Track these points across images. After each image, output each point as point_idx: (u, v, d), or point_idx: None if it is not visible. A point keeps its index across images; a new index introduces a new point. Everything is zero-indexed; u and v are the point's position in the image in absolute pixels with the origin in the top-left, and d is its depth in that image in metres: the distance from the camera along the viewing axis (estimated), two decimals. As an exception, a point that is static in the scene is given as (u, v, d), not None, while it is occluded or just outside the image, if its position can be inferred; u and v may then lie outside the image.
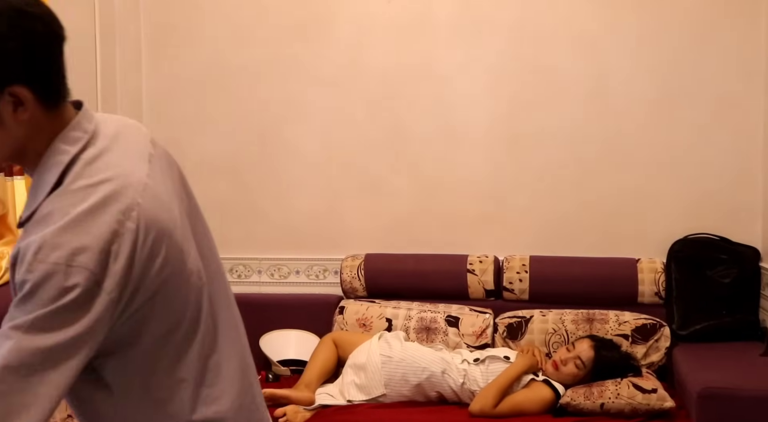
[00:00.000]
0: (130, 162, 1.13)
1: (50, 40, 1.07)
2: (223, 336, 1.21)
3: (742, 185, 3.29)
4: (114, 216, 1.03)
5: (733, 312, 3.12)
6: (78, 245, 1.00)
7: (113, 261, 1.02)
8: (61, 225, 1.01)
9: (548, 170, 3.45)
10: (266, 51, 3.62)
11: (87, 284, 1.00)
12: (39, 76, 1.06)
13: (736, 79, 3.28)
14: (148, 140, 1.23)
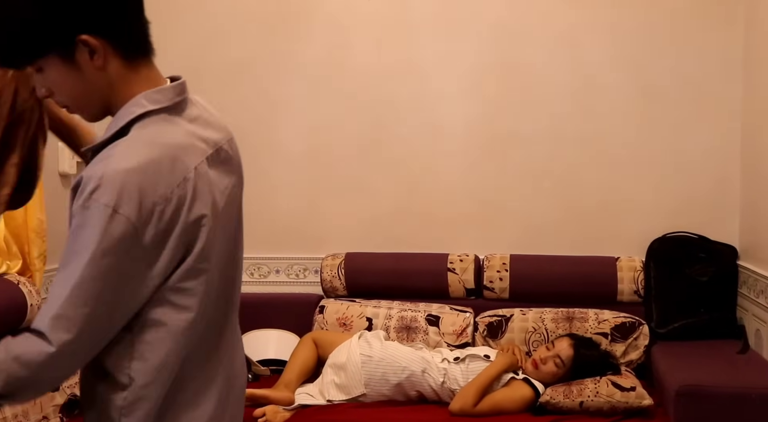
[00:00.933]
0: (186, 148, 1.19)
1: (121, 3, 1.13)
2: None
3: (720, 184, 3.32)
4: (170, 179, 1.12)
5: (711, 310, 3.14)
6: (129, 193, 1.08)
7: (157, 220, 1.10)
8: (119, 167, 1.09)
9: (529, 169, 3.45)
10: (245, 48, 3.60)
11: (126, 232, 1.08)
12: (111, 27, 1.13)
13: (714, 79, 3.30)
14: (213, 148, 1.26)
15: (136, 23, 1.19)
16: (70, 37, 1.12)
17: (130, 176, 1.10)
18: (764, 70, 2.97)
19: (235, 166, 1.32)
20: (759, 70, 3.04)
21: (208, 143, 1.24)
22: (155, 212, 1.10)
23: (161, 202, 1.11)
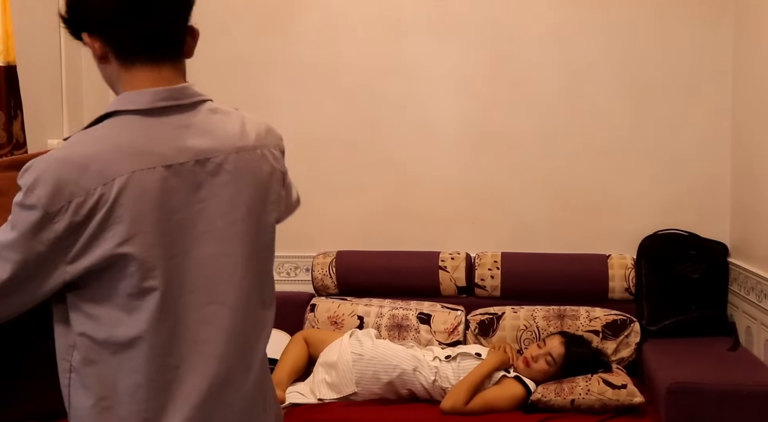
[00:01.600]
0: (127, 155, 1.19)
1: (117, 9, 1.22)
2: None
3: (710, 181, 3.32)
4: (97, 177, 1.16)
5: (702, 307, 3.14)
6: (44, 181, 1.14)
7: (73, 212, 1.14)
8: (51, 155, 1.17)
9: (520, 167, 3.45)
10: (235, 47, 3.59)
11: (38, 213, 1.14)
12: (104, 29, 1.23)
13: (704, 77, 3.31)
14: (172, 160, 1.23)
15: (132, 27, 1.23)
16: (78, 33, 1.26)
17: (54, 164, 1.16)
18: (754, 66, 2.98)
19: (236, 177, 1.27)
20: (749, 67, 3.05)
21: (185, 152, 1.23)
22: (70, 203, 1.14)
23: (78, 195, 1.14)
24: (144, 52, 1.25)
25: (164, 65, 1.27)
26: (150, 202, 1.18)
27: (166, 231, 1.20)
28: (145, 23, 1.24)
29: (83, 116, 3.48)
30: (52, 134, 3.28)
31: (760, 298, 2.79)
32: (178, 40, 1.32)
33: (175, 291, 1.21)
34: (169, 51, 1.29)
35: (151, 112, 1.23)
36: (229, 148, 1.28)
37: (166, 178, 1.20)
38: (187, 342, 1.22)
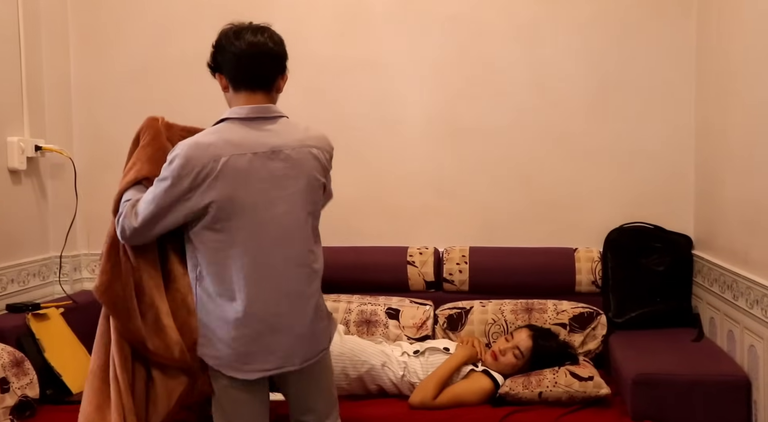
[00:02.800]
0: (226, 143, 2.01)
1: (231, 56, 2.08)
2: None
3: (675, 175, 3.36)
4: (210, 156, 1.97)
5: (667, 299, 3.18)
6: (180, 157, 1.96)
7: (194, 176, 1.95)
8: (187, 141, 2.01)
9: (487, 161, 3.46)
10: (201, 42, 3.52)
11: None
12: (227, 73, 2.11)
13: (668, 71, 3.34)
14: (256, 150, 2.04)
15: (240, 72, 2.08)
16: (214, 72, 2.16)
17: (186, 147, 1.98)
18: (716, 61, 3.01)
19: (296, 164, 2.07)
20: (711, 62, 3.08)
21: (264, 145, 2.03)
22: (193, 171, 1.95)
23: (199, 167, 1.95)
24: (246, 87, 2.08)
25: (258, 93, 2.08)
26: (240, 176, 1.98)
27: (250, 193, 1.99)
28: (251, 74, 2.08)
29: (45, 114, 3.43)
30: (12, 132, 3.23)
31: (723, 290, 2.83)
32: (271, 81, 2.11)
33: (255, 232, 2.01)
34: (263, 86, 2.09)
35: (246, 121, 2.05)
36: (293, 145, 2.07)
37: (251, 160, 2.00)
38: (262, 265, 2.03)
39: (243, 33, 2.05)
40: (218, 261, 2.01)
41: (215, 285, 2.02)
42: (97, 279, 2.12)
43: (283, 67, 2.13)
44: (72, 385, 2.87)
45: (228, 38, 2.07)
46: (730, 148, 2.80)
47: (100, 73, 3.61)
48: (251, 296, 2.00)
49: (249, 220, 2.00)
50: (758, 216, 2.50)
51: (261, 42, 2.04)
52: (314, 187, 2.12)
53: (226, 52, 2.06)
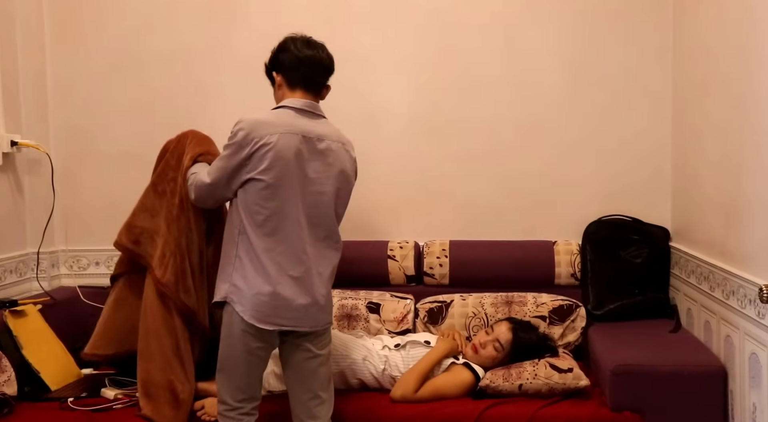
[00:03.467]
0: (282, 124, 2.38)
1: (296, 60, 2.45)
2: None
3: (652, 167, 3.39)
4: (268, 131, 2.33)
5: (645, 290, 3.21)
6: (244, 128, 2.34)
7: (253, 145, 2.32)
8: (251, 116, 2.38)
9: (467, 155, 3.47)
10: (179, 34, 3.52)
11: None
12: (284, 74, 2.47)
13: (646, 64, 3.37)
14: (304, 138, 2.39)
15: (300, 75, 2.45)
16: (272, 72, 2.52)
17: (250, 121, 2.34)
18: (691, 54, 3.04)
19: (334, 153, 2.44)
20: (687, 54, 3.11)
21: (312, 132, 2.39)
22: (252, 141, 2.31)
23: (257, 138, 2.31)
24: (303, 87, 2.46)
25: (309, 94, 2.46)
26: (290, 151, 2.33)
27: (293, 168, 2.34)
28: (307, 76, 2.45)
29: (20, 110, 3.39)
30: (-13, 126, 3.20)
31: (700, 281, 2.86)
32: (320, 87, 2.50)
33: (291, 206, 2.34)
34: (313, 90, 2.48)
35: (299, 111, 2.41)
36: (333, 137, 2.45)
37: (300, 141, 2.35)
38: (292, 234, 2.35)
39: (311, 43, 2.48)
40: (264, 230, 2.34)
41: (257, 252, 2.34)
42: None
43: (330, 75, 2.53)
44: (50, 382, 2.85)
45: (296, 45, 2.46)
46: (707, 140, 2.83)
47: (77, 68, 3.58)
48: (279, 274, 2.35)
49: (291, 192, 2.34)
50: (734, 208, 2.53)
51: (322, 56, 2.48)
52: (344, 179, 2.47)
53: (293, 56, 2.44)
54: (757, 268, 2.29)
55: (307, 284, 2.38)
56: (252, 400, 2.44)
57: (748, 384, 2.37)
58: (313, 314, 2.40)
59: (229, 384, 2.42)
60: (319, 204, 2.39)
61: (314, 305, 2.39)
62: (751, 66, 2.35)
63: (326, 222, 2.44)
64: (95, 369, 3.11)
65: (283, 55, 2.46)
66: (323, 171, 2.40)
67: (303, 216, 2.36)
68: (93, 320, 3.37)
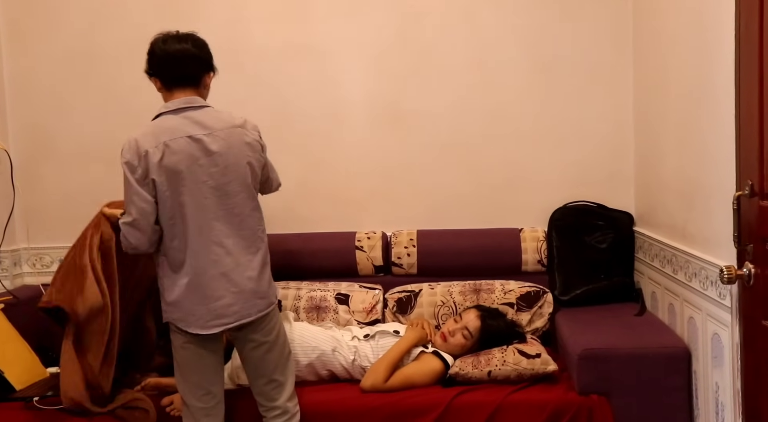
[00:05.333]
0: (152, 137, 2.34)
1: (158, 59, 2.41)
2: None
3: (615, 153, 3.42)
4: (153, 142, 2.32)
5: (611, 275, 3.25)
6: (130, 147, 2.33)
7: (144, 161, 2.30)
8: (130, 137, 2.35)
9: (432, 144, 3.47)
10: (135, 29, 3.46)
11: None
12: (156, 74, 2.42)
13: (606, 51, 3.40)
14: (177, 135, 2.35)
15: (169, 74, 2.39)
16: (150, 75, 2.44)
17: (128, 143, 2.32)
18: (651, 41, 3.07)
19: (226, 142, 2.36)
20: (647, 42, 3.14)
21: (197, 129, 2.34)
22: (143, 156, 2.28)
23: (147, 151, 2.28)
24: (176, 83, 2.40)
25: (187, 90, 2.40)
26: (181, 154, 2.30)
27: (189, 168, 2.30)
28: (176, 73, 2.39)
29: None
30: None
31: (663, 264, 2.90)
32: (195, 79, 2.42)
33: (196, 202, 2.32)
34: (190, 84, 2.41)
35: (176, 111, 2.37)
36: (221, 127, 2.37)
37: (189, 142, 2.31)
38: (194, 229, 2.33)
39: (176, 38, 2.40)
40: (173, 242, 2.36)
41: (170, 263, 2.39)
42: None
43: (209, 66, 2.46)
44: (15, 381, 2.81)
45: (159, 44, 2.40)
46: (667, 126, 2.87)
47: (34, 64, 3.51)
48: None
49: (191, 196, 2.33)
50: (694, 191, 2.56)
51: (187, 47, 2.39)
52: (244, 164, 2.39)
53: (158, 56, 2.38)
54: (717, 250, 2.33)
55: (232, 278, 2.36)
56: (211, 396, 2.45)
57: (710, 364, 2.41)
58: (240, 305, 2.38)
59: (185, 383, 2.44)
60: (226, 196, 2.35)
61: (241, 295, 2.37)
62: (708, 52, 2.38)
63: (239, 211, 2.39)
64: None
65: (151, 58, 2.41)
66: (222, 161, 2.34)
67: (212, 213, 2.34)
68: (57, 318, 3.34)
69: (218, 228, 2.34)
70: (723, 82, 2.22)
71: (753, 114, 2.01)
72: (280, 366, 2.52)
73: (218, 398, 2.47)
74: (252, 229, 2.42)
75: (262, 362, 2.48)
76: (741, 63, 2.10)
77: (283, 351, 2.55)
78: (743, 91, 2.08)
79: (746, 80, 2.06)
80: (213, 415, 2.45)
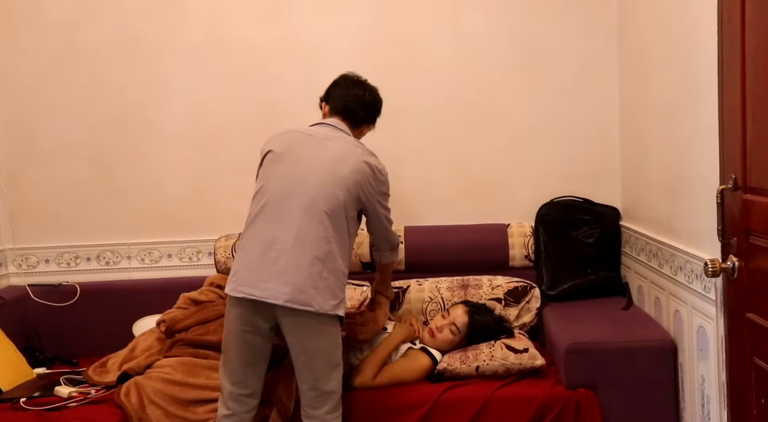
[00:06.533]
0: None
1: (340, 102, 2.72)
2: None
3: (601, 148, 3.44)
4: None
5: (598, 270, 3.26)
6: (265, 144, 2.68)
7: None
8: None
9: (418, 141, 3.48)
10: (119, 26, 3.45)
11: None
12: (328, 102, 2.75)
13: (592, 48, 3.41)
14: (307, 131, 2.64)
15: (335, 104, 2.69)
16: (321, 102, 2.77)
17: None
18: (636, 38, 3.08)
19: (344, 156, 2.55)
20: (632, 38, 3.15)
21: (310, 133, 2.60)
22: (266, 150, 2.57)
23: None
24: (338, 113, 2.68)
25: (345, 122, 2.67)
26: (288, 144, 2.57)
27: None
28: (347, 108, 2.69)
29: None
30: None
31: (649, 258, 2.92)
32: (358, 121, 2.71)
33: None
34: (350, 119, 2.69)
35: (318, 125, 2.66)
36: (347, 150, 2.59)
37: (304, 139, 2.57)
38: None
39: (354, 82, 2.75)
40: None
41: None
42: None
43: (369, 115, 2.77)
44: (2, 382, 2.79)
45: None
46: (652, 121, 2.88)
47: (17, 62, 3.48)
48: None
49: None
50: (679, 185, 2.58)
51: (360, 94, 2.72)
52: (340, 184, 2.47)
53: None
54: (702, 244, 2.35)
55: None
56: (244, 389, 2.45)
57: (696, 357, 2.43)
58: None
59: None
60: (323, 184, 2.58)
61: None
62: (691, 49, 2.39)
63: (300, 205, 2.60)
64: (48, 369, 3.06)
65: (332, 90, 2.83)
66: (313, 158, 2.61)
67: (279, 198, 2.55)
68: (43, 319, 3.33)
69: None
70: (706, 78, 2.24)
71: (735, 109, 2.02)
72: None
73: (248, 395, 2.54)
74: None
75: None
76: (723, 59, 2.11)
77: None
78: (726, 87, 2.10)
79: (729, 76, 2.07)
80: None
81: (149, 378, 2.67)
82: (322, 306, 2.34)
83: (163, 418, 2.57)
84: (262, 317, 2.39)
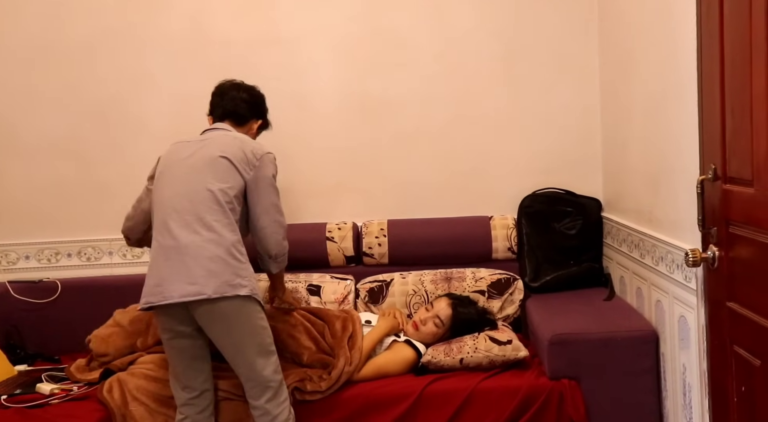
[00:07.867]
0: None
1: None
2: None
3: (583, 140, 3.45)
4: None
5: (580, 261, 3.28)
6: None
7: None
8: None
9: (400, 134, 3.47)
10: (99, 19, 3.42)
11: None
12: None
13: (573, 38, 3.42)
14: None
15: (216, 113, 2.75)
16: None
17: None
18: (617, 29, 3.10)
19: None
20: (612, 29, 3.17)
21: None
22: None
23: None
24: (218, 116, 2.75)
25: (226, 121, 2.74)
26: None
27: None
28: (225, 112, 2.75)
29: None
30: None
31: (631, 249, 2.94)
32: (241, 119, 2.77)
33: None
34: (232, 119, 2.75)
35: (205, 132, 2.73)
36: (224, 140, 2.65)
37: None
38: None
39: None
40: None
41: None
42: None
43: (253, 107, 2.81)
44: (-18, 382, 2.77)
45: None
46: (633, 112, 2.90)
47: (-5, 56, 3.44)
48: None
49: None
50: (659, 176, 2.60)
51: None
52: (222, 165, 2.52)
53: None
54: (683, 234, 2.36)
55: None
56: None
57: (678, 347, 2.45)
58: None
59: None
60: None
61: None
62: (672, 40, 2.40)
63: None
64: (29, 366, 3.03)
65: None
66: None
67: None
68: (24, 315, 3.30)
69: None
70: (686, 69, 2.25)
71: (715, 100, 2.03)
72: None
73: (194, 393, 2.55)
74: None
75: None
76: (703, 53, 2.12)
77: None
78: (705, 79, 2.11)
79: (708, 69, 2.08)
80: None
81: (132, 374, 2.66)
82: (217, 290, 2.29)
83: (145, 414, 2.56)
84: (176, 320, 2.40)
